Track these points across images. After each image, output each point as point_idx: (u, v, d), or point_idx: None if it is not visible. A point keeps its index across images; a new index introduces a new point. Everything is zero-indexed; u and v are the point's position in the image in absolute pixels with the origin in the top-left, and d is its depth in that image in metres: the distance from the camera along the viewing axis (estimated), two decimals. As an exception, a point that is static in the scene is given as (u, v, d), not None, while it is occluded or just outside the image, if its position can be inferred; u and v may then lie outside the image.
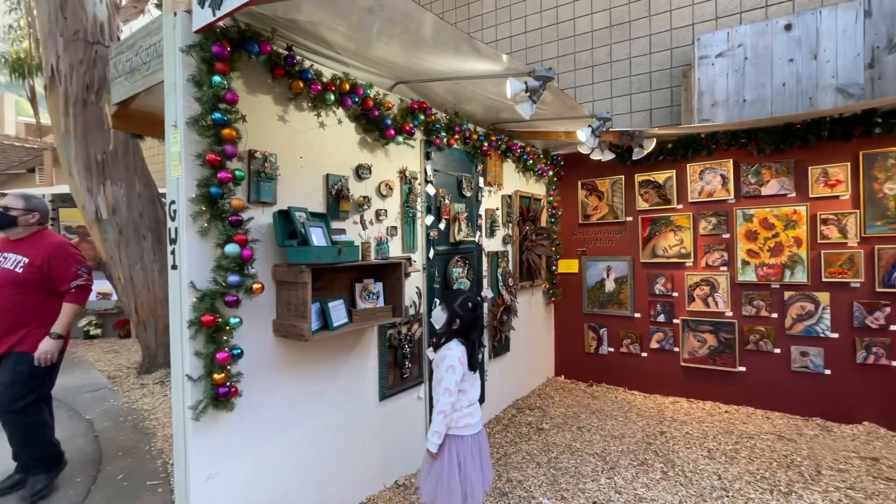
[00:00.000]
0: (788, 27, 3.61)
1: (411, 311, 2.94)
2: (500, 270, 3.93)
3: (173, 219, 1.90)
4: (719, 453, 3.25)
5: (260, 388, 2.09)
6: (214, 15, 1.67)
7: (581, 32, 5.27)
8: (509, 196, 4.13)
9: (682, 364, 4.32)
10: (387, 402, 2.80)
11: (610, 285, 4.69)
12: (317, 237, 2.12)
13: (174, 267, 1.90)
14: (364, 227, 2.62)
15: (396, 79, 2.75)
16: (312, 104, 2.32)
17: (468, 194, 3.48)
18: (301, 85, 2.19)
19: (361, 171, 2.61)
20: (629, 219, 4.60)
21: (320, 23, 2.04)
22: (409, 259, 2.89)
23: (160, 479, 2.90)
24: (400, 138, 2.77)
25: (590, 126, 3.34)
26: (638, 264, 4.54)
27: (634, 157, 4.05)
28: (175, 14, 1.86)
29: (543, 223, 4.71)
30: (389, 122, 2.67)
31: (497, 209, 3.95)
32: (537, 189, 4.68)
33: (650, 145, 3.92)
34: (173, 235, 1.90)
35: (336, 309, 2.30)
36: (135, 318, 5.10)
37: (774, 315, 3.94)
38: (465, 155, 3.51)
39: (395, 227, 2.85)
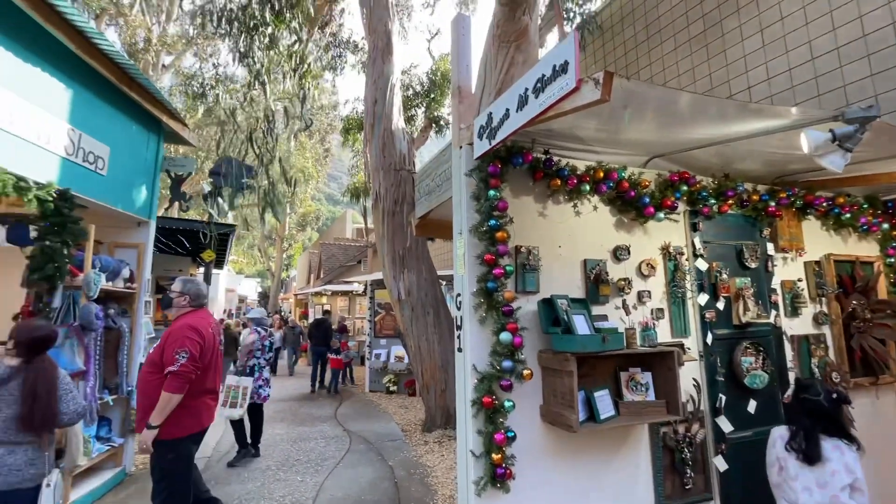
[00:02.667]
0: None
1: (689, 408, 2.52)
2: (814, 361, 2.98)
3: (459, 308, 2.28)
4: None
5: (531, 474, 2.13)
6: (490, 143, 2.06)
7: (909, 36, 3.94)
8: (817, 262, 3.20)
9: None
10: (665, 515, 2.40)
11: None
12: (580, 324, 2.14)
13: (460, 350, 2.24)
14: (627, 312, 2.49)
15: (650, 154, 2.66)
16: (568, 196, 2.48)
17: (753, 265, 2.89)
18: (559, 182, 2.38)
19: (619, 253, 2.55)
20: None
21: (573, 125, 2.21)
22: (681, 346, 2.55)
23: (442, 538, 3.24)
24: (661, 214, 2.61)
25: (955, 159, 2.34)
26: None
27: None
28: (461, 147, 2.37)
29: (883, 295, 3.40)
30: (648, 199, 2.56)
31: (799, 280, 3.10)
32: (863, 249, 3.47)
33: None
34: (459, 323, 2.27)
35: (602, 399, 2.20)
36: (420, 381, 6.16)
37: None
38: (744, 220, 2.98)
39: (661, 310, 2.60)
